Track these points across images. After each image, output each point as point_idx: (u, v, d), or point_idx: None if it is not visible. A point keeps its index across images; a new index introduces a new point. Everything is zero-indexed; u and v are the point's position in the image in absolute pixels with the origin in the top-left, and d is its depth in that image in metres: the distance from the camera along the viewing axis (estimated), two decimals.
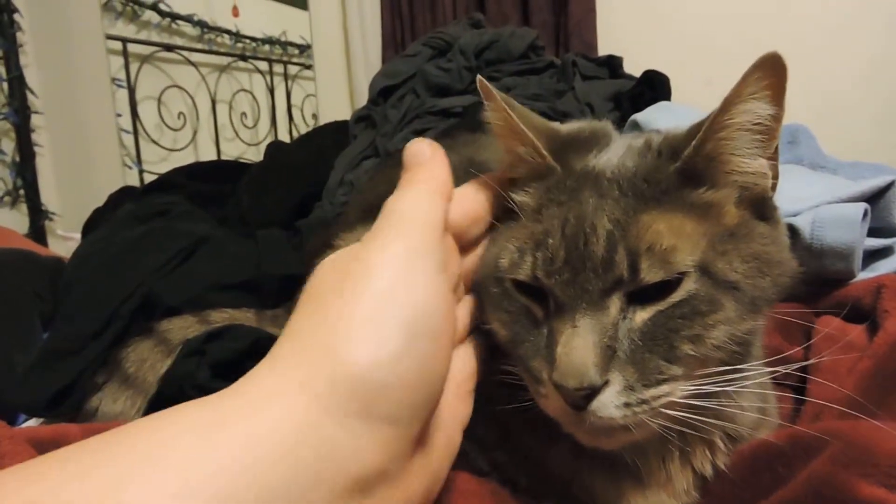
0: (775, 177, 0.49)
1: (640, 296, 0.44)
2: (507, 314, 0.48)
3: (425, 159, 0.46)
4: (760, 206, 0.48)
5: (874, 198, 0.83)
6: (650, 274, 0.42)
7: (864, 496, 0.40)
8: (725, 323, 0.43)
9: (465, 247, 0.50)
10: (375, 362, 0.35)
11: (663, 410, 0.44)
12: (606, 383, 0.42)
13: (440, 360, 0.39)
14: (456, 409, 0.45)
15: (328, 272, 0.40)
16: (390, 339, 0.36)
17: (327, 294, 0.38)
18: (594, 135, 0.53)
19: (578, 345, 0.42)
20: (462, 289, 0.50)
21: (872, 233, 0.82)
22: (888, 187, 0.82)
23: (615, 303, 0.43)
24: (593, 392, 0.41)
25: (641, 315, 0.43)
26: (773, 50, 0.43)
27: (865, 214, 0.77)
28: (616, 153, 0.50)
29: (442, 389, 0.40)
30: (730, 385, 0.45)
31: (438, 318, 0.39)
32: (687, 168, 0.46)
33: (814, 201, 0.81)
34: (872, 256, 0.83)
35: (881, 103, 2.36)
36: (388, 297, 0.37)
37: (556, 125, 0.54)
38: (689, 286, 0.43)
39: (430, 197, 0.43)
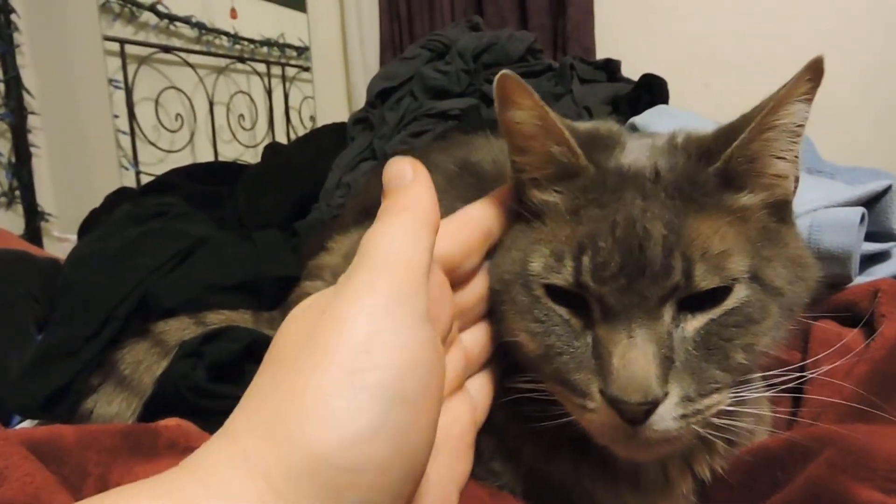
0: (796, 179, 0.48)
1: (689, 303, 0.42)
2: (538, 324, 0.44)
3: (406, 182, 0.40)
4: (783, 209, 0.48)
5: (872, 202, 0.83)
6: (705, 280, 0.41)
7: (862, 500, 0.40)
8: (773, 330, 0.44)
9: (459, 281, 0.45)
10: (343, 442, 0.29)
11: (711, 420, 0.43)
12: (665, 395, 0.40)
13: (424, 428, 0.33)
14: (452, 469, 0.41)
15: (294, 328, 0.36)
16: (362, 411, 0.30)
17: (290, 356, 0.33)
18: (609, 134, 0.51)
19: (638, 356, 0.40)
20: (455, 331, 0.45)
21: (870, 237, 0.82)
22: (885, 192, 0.82)
23: (668, 311, 0.42)
24: (654, 405, 0.40)
25: (693, 323, 0.42)
26: (819, 54, 0.43)
27: (863, 219, 0.77)
28: (642, 153, 0.48)
29: (427, 459, 0.34)
30: (759, 391, 0.45)
31: (422, 378, 0.33)
32: (727, 169, 0.44)
33: (811, 205, 0.81)
34: (870, 261, 0.83)
35: (880, 108, 2.37)
36: (360, 359, 0.31)
37: (575, 123, 0.51)
38: (740, 293, 0.43)
39: (411, 230, 0.37)
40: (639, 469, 0.50)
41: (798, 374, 0.58)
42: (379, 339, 0.32)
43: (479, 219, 0.47)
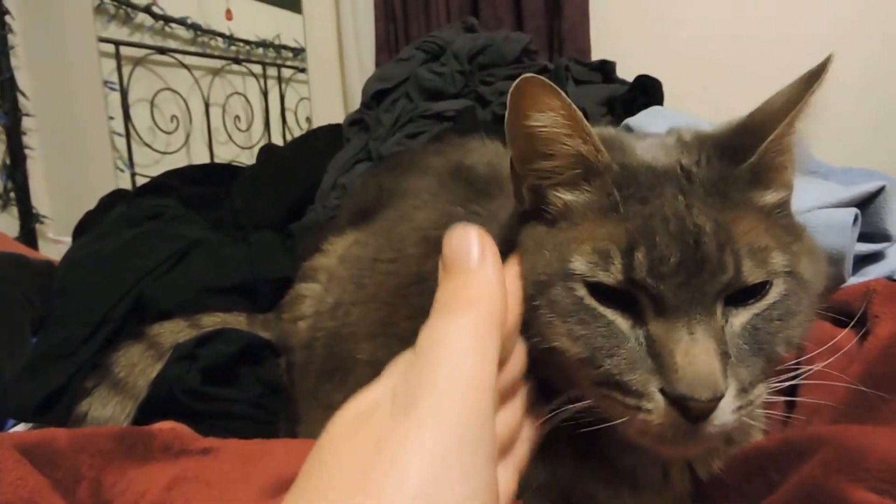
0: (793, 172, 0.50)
1: (733, 298, 0.43)
2: (583, 325, 0.43)
3: (473, 265, 0.36)
4: (789, 203, 0.49)
5: (865, 203, 0.83)
6: (752, 275, 0.42)
7: (856, 501, 0.40)
8: (806, 322, 0.45)
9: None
10: None
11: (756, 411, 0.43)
12: (726, 389, 0.40)
13: None
14: None
15: (344, 450, 0.31)
16: None
17: (340, 487, 0.29)
18: (610, 136, 0.50)
19: (701, 353, 0.40)
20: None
21: (863, 238, 0.82)
22: (879, 192, 0.83)
23: (719, 306, 0.42)
24: (719, 401, 0.40)
25: (740, 318, 0.43)
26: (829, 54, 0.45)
27: (856, 220, 0.78)
28: (658, 151, 0.48)
29: None
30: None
31: None
32: (759, 164, 0.45)
33: (805, 206, 0.81)
34: (863, 261, 0.84)
35: (877, 112, 2.37)
36: None
37: None
38: (780, 287, 0.44)
39: (481, 336, 0.33)
40: (638, 469, 0.51)
41: (792, 375, 0.58)
42: (441, 489, 0.29)
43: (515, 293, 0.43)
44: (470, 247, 0.37)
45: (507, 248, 0.47)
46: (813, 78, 0.45)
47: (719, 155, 0.46)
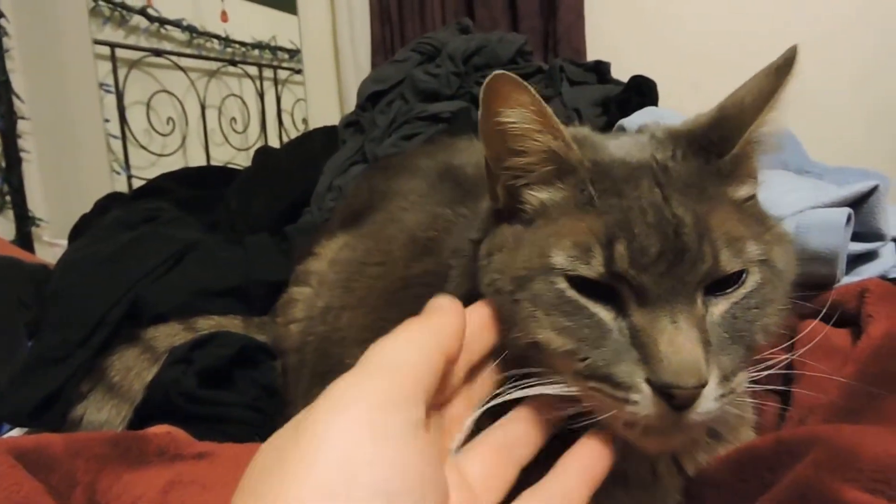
0: None
1: (712, 288, 0.44)
2: (567, 317, 0.43)
3: (438, 308, 0.40)
4: (756, 195, 0.50)
5: (858, 202, 0.83)
6: (729, 264, 0.43)
7: (849, 501, 0.40)
8: (781, 310, 0.46)
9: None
10: None
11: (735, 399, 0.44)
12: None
13: None
14: None
15: (266, 447, 0.33)
16: None
17: (257, 479, 0.31)
18: (581, 135, 0.51)
19: (685, 341, 0.40)
20: None
21: (856, 237, 0.82)
22: (872, 192, 0.83)
23: (700, 296, 0.43)
24: (703, 388, 0.40)
25: (719, 307, 0.44)
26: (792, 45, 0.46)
27: (849, 219, 0.78)
28: (631, 148, 0.49)
29: None
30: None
31: (413, 494, 0.31)
32: (737, 156, 0.46)
33: (798, 206, 0.81)
34: (856, 261, 0.84)
35: (872, 108, 2.38)
36: (339, 479, 0.29)
37: None
38: (756, 276, 0.44)
39: (417, 341, 0.36)
40: (628, 468, 0.51)
41: (784, 374, 0.58)
42: (359, 454, 0.30)
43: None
44: (441, 302, 0.41)
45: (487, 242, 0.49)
46: (783, 69, 0.45)
47: (694, 150, 0.47)
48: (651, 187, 0.44)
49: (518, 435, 0.44)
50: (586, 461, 0.43)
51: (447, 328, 0.39)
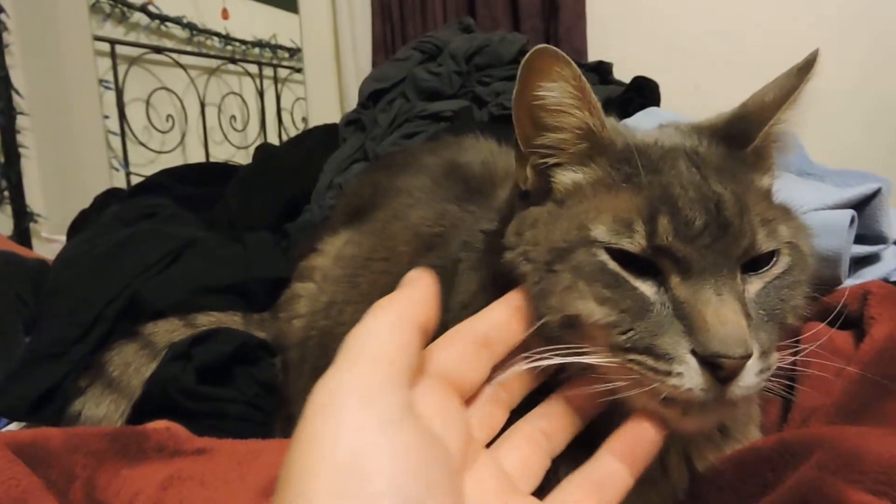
0: None
1: (746, 267, 0.44)
2: (609, 288, 0.42)
3: (407, 282, 0.40)
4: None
5: (861, 205, 0.83)
6: (766, 243, 0.44)
7: (852, 502, 0.40)
8: (808, 295, 0.47)
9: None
10: None
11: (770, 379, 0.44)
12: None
13: None
14: None
15: (287, 462, 0.32)
16: None
17: (282, 491, 0.30)
18: (611, 121, 0.52)
19: (730, 312, 0.40)
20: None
21: (859, 240, 0.82)
22: (874, 195, 0.83)
23: (739, 271, 0.43)
24: (748, 359, 0.40)
25: (754, 286, 0.44)
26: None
27: (852, 221, 0.78)
28: (660, 135, 0.50)
29: None
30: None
31: (418, 482, 0.31)
32: (759, 148, 0.48)
33: (801, 208, 0.81)
34: (859, 263, 0.84)
35: (871, 110, 2.38)
36: (351, 475, 0.29)
37: None
38: (787, 258, 0.46)
39: (391, 325, 0.36)
40: None
41: (788, 376, 0.58)
42: (363, 448, 0.30)
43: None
44: (411, 274, 0.40)
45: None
46: (804, 70, 0.47)
47: (718, 141, 0.49)
48: (689, 167, 0.45)
49: (553, 424, 0.44)
50: (631, 443, 0.43)
51: (417, 298, 0.38)
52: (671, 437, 0.48)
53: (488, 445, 0.42)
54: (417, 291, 0.39)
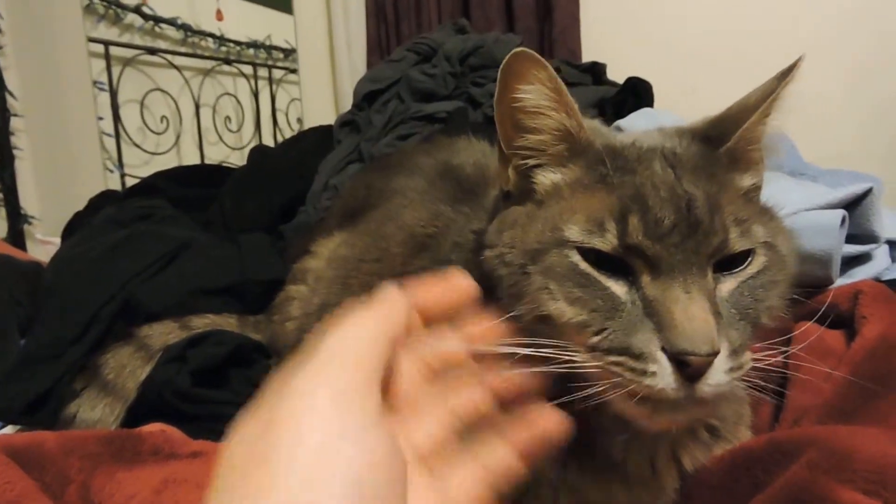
0: None
1: (720, 266, 0.45)
2: (580, 288, 0.43)
3: (384, 297, 0.40)
4: (759, 192, 0.52)
5: (852, 205, 0.84)
6: (738, 243, 0.44)
7: (843, 501, 0.40)
8: (785, 296, 0.47)
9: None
10: None
11: (743, 378, 0.44)
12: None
13: None
14: None
15: (239, 439, 0.33)
16: None
17: (240, 475, 0.31)
18: (590, 123, 0.53)
19: (698, 310, 0.41)
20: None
21: (851, 239, 0.83)
22: (866, 194, 0.83)
23: (710, 270, 0.44)
24: (715, 357, 0.40)
25: (727, 284, 0.45)
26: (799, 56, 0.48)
27: (843, 221, 0.78)
28: (641, 136, 0.51)
29: None
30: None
31: (380, 487, 0.32)
32: (735, 149, 0.48)
33: (792, 209, 0.82)
34: (850, 263, 0.84)
35: (866, 111, 2.38)
36: (319, 466, 0.30)
37: None
38: (762, 258, 0.46)
39: (367, 333, 0.36)
40: (629, 462, 0.51)
41: (779, 375, 0.59)
42: (332, 443, 0.31)
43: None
44: (388, 287, 0.41)
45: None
46: (784, 74, 0.48)
47: (699, 141, 0.49)
48: (663, 167, 0.46)
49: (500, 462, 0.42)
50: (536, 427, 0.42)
51: (393, 316, 0.39)
52: (659, 438, 0.49)
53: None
54: (396, 309, 0.39)
